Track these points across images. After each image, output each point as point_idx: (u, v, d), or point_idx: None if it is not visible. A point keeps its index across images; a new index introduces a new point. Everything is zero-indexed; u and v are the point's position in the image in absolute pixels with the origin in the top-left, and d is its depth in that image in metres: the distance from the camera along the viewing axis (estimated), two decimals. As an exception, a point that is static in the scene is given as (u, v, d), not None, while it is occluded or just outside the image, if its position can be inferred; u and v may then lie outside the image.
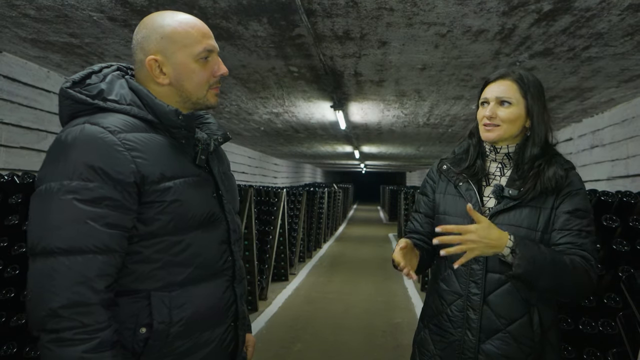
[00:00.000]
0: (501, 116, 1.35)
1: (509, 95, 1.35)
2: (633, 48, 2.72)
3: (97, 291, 0.96)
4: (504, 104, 1.35)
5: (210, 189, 1.15)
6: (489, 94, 1.38)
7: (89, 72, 1.10)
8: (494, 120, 1.36)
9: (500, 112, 1.35)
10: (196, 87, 1.12)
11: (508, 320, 1.30)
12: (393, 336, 4.20)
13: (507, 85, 1.36)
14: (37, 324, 0.95)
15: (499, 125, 1.35)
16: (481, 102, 1.41)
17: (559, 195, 1.32)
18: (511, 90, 1.35)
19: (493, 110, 1.36)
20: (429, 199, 1.51)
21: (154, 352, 1.04)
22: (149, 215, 1.03)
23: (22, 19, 2.51)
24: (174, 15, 1.12)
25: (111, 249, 0.98)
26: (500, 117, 1.35)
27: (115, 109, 1.06)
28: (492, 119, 1.36)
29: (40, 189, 0.99)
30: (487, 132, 1.37)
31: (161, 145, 1.07)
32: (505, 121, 1.35)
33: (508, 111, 1.35)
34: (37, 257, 0.96)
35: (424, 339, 1.45)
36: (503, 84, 1.37)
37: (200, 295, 1.10)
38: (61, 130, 1.04)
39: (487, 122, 1.37)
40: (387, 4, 2.24)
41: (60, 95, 1.08)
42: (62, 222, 0.96)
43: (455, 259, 1.35)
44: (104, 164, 0.98)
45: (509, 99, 1.35)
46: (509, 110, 1.35)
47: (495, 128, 1.36)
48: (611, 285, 2.14)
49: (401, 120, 5.87)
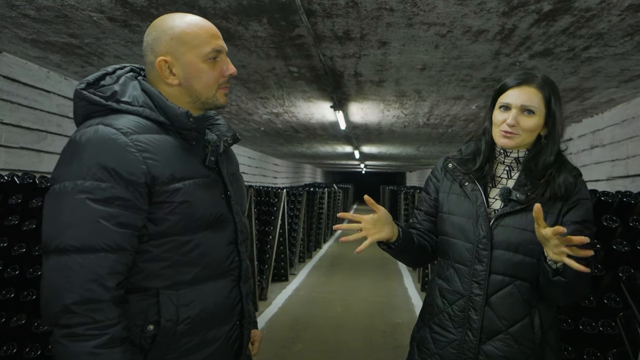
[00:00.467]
0: (523, 126, 1.31)
1: (534, 105, 1.30)
2: (633, 48, 2.72)
3: (109, 288, 0.99)
4: (527, 113, 1.31)
5: (219, 190, 1.17)
6: (512, 99, 1.32)
7: (103, 73, 1.13)
8: (515, 128, 1.31)
9: (523, 122, 1.31)
10: (205, 87, 1.15)
11: (509, 322, 1.30)
12: (393, 336, 4.20)
13: (532, 93, 1.31)
14: (50, 319, 0.98)
15: (518, 134, 1.31)
16: (500, 106, 1.35)
17: (567, 202, 1.31)
18: (536, 98, 1.31)
19: (516, 118, 1.30)
20: (431, 197, 1.50)
21: (162, 348, 1.06)
22: (158, 216, 1.06)
23: (22, 19, 2.51)
24: (183, 17, 1.14)
25: (122, 247, 1.01)
26: (522, 127, 1.31)
27: (128, 111, 1.08)
28: (514, 127, 1.31)
29: (54, 188, 1.02)
30: (504, 138, 1.33)
31: (172, 146, 1.09)
32: (526, 131, 1.31)
33: (531, 121, 1.31)
34: (51, 254, 0.99)
35: (423, 337, 1.44)
36: (528, 90, 1.31)
37: (207, 294, 1.12)
38: (75, 131, 1.07)
39: (507, 130, 1.31)
40: (387, 4, 2.24)
41: (74, 97, 1.10)
42: (75, 220, 0.98)
43: (458, 258, 1.37)
44: (117, 164, 1.00)
45: (534, 108, 1.30)
46: (533, 121, 1.31)
47: (515, 136, 1.32)
48: (611, 286, 2.14)
49: (401, 120, 5.87)
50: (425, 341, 1.43)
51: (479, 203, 1.35)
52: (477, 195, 1.37)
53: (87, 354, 0.95)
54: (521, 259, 1.30)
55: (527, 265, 1.30)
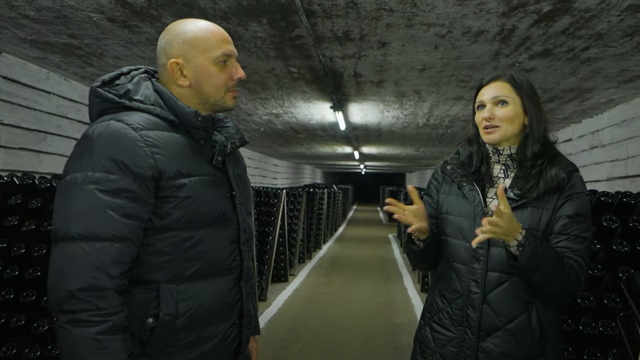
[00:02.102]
0: (499, 116, 1.36)
1: (505, 94, 1.37)
2: (632, 49, 2.72)
3: (113, 277, 1.01)
4: (501, 104, 1.37)
5: (224, 189, 1.21)
6: (484, 96, 1.40)
7: (118, 73, 1.18)
8: (493, 121, 1.37)
9: (498, 112, 1.36)
10: (214, 89, 1.19)
11: (507, 319, 1.32)
12: (393, 337, 4.20)
13: (500, 85, 1.38)
14: (55, 305, 1.01)
15: (498, 126, 1.36)
16: (477, 106, 1.43)
17: (561, 196, 1.33)
18: (505, 89, 1.37)
19: (491, 111, 1.37)
20: (433, 200, 1.53)
21: (160, 342, 1.09)
22: (163, 210, 1.09)
23: (21, 19, 2.51)
24: (195, 22, 1.19)
25: (127, 238, 1.04)
26: (499, 117, 1.36)
27: (140, 108, 1.13)
28: (491, 120, 1.37)
29: (66, 179, 1.06)
30: (488, 134, 1.38)
31: (180, 144, 1.13)
32: (504, 120, 1.36)
33: (506, 110, 1.36)
34: (59, 242, 1.02)
35: (424, 336, 1.46)
36: (496, 85, 1.39)
37: (207, 290, 1.14)
38: (89, 126, 1.11)
39: (486, 124, 1.38)
40: (387, 5, 2.24)
41: (90, 94, 1.15)
42: (83, 210, 1.02)
43: (457, 257, 1.39)
44: (126, 157, 1.04)
45: (505, 97, 1.36)
46: (507, 109, 1.36)
47: (496, 129, 1.37)
48: (611, 286, 2.14)
49: (401, 121, 5.87)
50: (426, 340, 1.45)
51: (477, 203, 1.38)
52: (475, 195, 1.39)
53: (89, 340, 0.98)
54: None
55: None
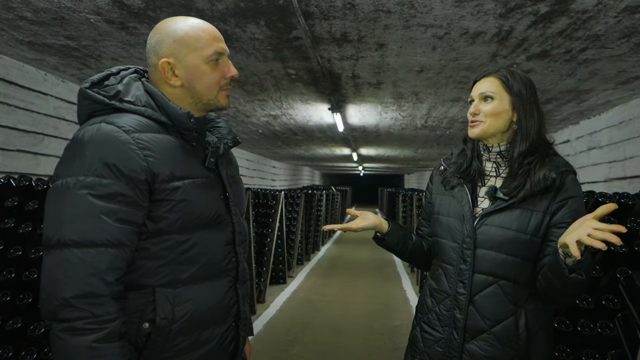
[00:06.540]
0: (484, 111, 1.37)
1: (491, 90, 1.38)
2: (630, 50, 2.72)
3: (108, 283, 0.99)
4: (486, 100, 1.38)
5: (218, 191, 1.19)
6: (473, 92, 1.42)
7: (107, 74, 1.15)
8: (478, 116, 1.38)
9: (483, 108, 1.38)
10: (207, 88, 1.16)
11: (492, 322, 1.31)
12: (391, 339, 4.20)
13: (489, 81, 1.39)
14: (50, 313, 0.98)
15: (482, 121, 1.38)
16: (469, 101, 1.45)
17: (555, 200, 1.30)
18: (493, 85, 1.38)
19: (477, 106, 1.39)
20: (429, 202, 1.54)
21: (156, 347, 1.07)
22: (157, 213, 1.07)
23: (18, 21, 2.50)
24: (185, 20, 1.16)
25: (122, 243, 1.02)
26: (483, 112, 1.37)
27: (131, 110, 1.10)
28: (476, 115, 1.38)
29: (56, 184, 1.03)
30: (471, 128, 1.40)
31: (172, 146, 1.11)
32: (489, 115, 1.37)
33: (490, 105, 1.37)
34: (52, 249, 0.99)
35: (414, 335, 1.47)
36: (486, 81, 1.40)
37: (203, 293, 1.13)
38: (78, 129, 1.08)
39: (471, 119, 1.40)
40: (385, 6, 2.24)
41: (79, 95, 1.12)
42: (76, 215, 0.99)
43: (446, 258, 1.40)
44: (118, 161, 1.02)
45: (492, 93, 1.37)
46: (492, 105, 1.37)
47: (479, 123, 1.38)
48: (609, 287, 2.14)
49: (399, 122, 5.87)
50: (415, 340, 1.46)
51: (464, 203, 1.38)
52: (463, 195, 1.40)
53: (86, 348, 0.96)
54: (504, 258, 1.30)
55: (510, 264, 1.30)
